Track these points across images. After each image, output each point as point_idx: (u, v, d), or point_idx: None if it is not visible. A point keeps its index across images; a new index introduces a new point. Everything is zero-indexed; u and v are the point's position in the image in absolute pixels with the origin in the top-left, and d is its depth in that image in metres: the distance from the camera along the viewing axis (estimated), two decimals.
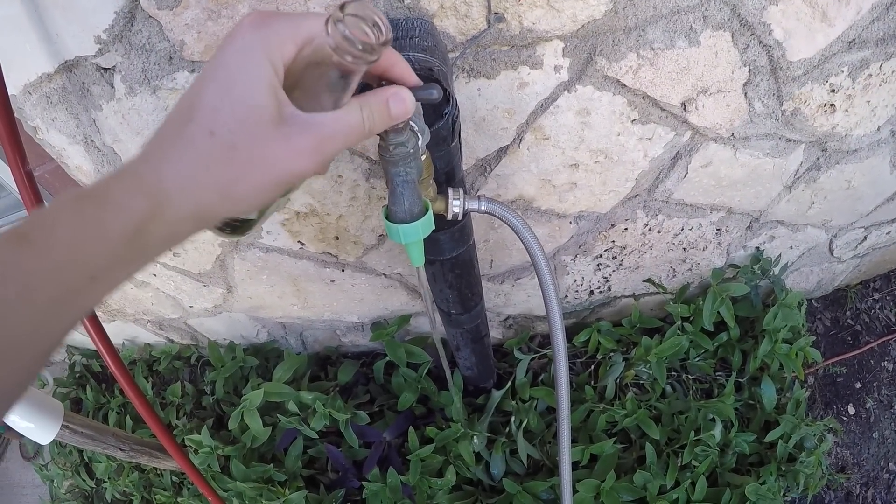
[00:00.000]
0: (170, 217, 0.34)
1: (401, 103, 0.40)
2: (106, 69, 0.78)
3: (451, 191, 0.65)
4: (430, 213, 0.53)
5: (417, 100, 0.45)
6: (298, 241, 1.10)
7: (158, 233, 0.34)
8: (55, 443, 1.79)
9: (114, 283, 0.34)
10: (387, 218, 0.53)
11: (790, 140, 0.99)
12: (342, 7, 0.34)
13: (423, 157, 0.60)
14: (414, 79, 0.42)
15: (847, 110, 0.95)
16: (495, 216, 0.67)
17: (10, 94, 0.70)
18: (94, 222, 0.32)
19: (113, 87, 0.80)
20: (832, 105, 0.94)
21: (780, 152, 1.01)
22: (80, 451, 1.83)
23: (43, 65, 0.78)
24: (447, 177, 0.70)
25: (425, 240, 0.68)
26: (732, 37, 0.78)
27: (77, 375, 1.90)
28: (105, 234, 0.32)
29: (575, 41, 0.74)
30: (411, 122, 0.49)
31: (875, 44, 0.85)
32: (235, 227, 0.47)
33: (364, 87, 0.46)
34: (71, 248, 0.31)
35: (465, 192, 0.67)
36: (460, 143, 0.72)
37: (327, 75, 0.36)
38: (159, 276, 1.29)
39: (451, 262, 0.84)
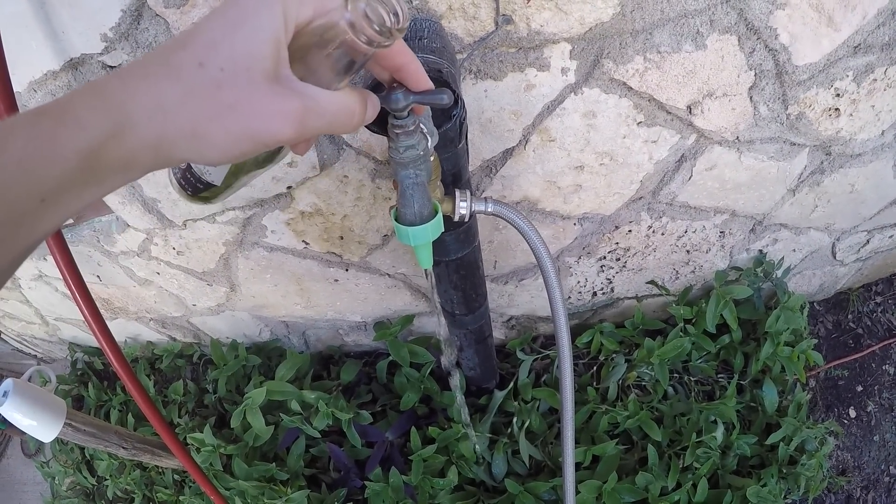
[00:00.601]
0: (130, 141, 0.31)
1: (372, 107, 0.40)
2: (112, 67, 0.78)
3: (458, 192, 0.65)
4: (440, 215, 0.53)
5: (428, 104, 0.45)
6: (303, 241, 1.10)
7: (115, 157, 0.31)
8: (57, 440, 1.78)
9: (64, 210, 0.31)
10: (396, 220, 0.53)
11: (794, 144, 0.99)
12: None
13: (432, 159, 0.60)
14: (426, 81, 0.42)
15: (852, 115, 0.95)
16: (502, 218, 0.68)
17: (15, 91, 0.70)
18: (49, 138, 0.29)
19: None
20: (837, 109, 0.94)
21: (784, 156, 1.01)
22: (82, 449, 1.84)
23: (49, 62, 0.78)
24: (454, 178, 0.70)
25: None
26: (739, 41, 0.78)
27: (79, 373, 1.90)
28: (58, 151, 0.29)
29: (582, 44, 0.74)
30: (421, 125, 0.50)
31: (880, 49, 0.85)
32: (199, 188, 0.46)
33: (376, 87, 0.46)
34: (21, 165, 0.29)
35: (471, 194, 0.67)
36: (467, 145, 0.72)
37: (334, 54, 0.35)
38: (163, 275, 1.30)
39: (457, 263, 0.84)
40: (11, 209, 0.29)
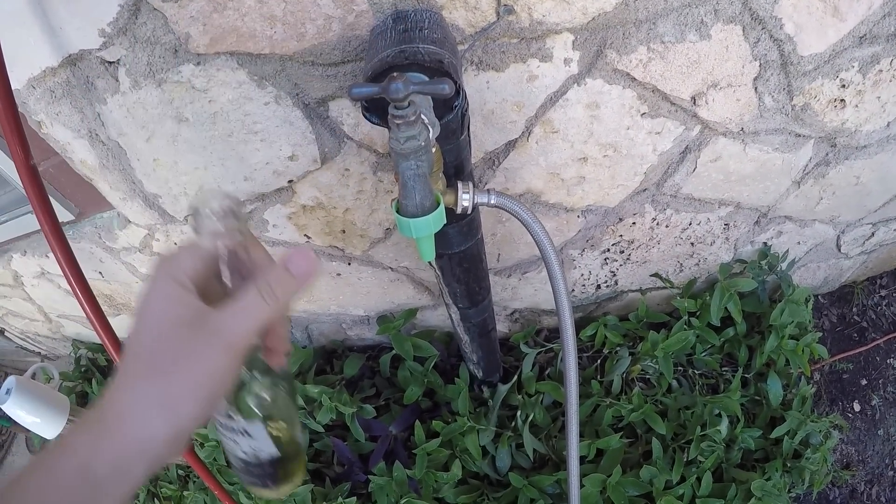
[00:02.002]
0: (109, 449, 0.34)
1: (302, 260, 0.39)
2: (110, 62, 0.78)
3: (460, 184, 0.65)
4: (442, 206, 0.52)
5: (429, 94, 0.45)
6: (305, 235, 1.10)
7: (104, 468, 0.34)
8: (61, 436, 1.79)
9: None
10: (398, 212, 0.52)
11: (799, 135, 0.98)
12: (193, 201, 0.38)
13: (433, 151, 0.60)
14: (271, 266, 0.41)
15: (857, 106, 0.95)
16: (505, 210, 0.67)
17: (13, 88, 0.70)
18: (53, 470, 0.34)
19: (117, 80, 0.80)
20: (842, 100, 0.93)
21: (789, 147, 1.00)
22: None
23: (47, 59, 0.77)
24: (456, 170, 0.69)
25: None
26: (743, 31, 0.78)
27: (83, 369, 1.90)
28: (58, 478, 0.34)
29: (585, 34, 0.74)
30: (422, 115, 0.49)
31: (886, 39, 0.84)
32: (271, 472, 0.47)
33: (377, 77, 0.45)
34: (36, 498, 0.33)
35: (474, 186, 0.66)
36: (469, 137, 0.71)
37: (219, 267, 0.40)
38: None
39: (460, 256, 0.84)
40: None
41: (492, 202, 0.66)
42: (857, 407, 1.57)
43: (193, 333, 0.36)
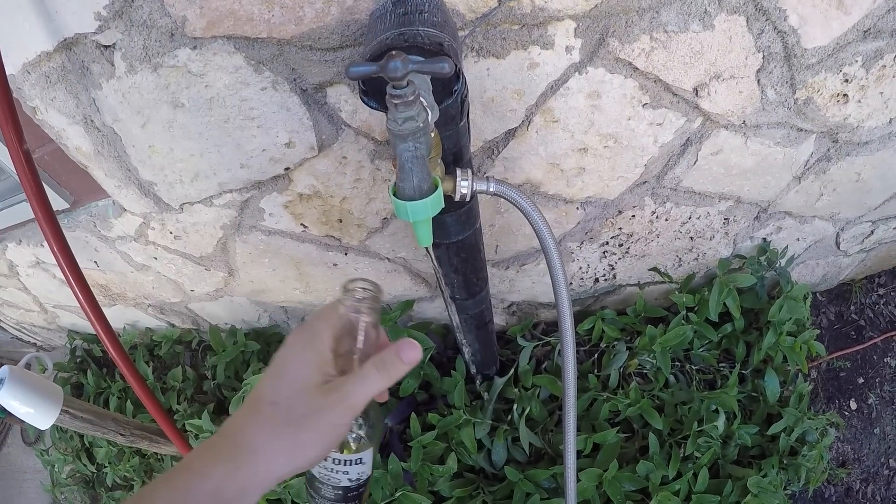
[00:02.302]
0: (241, 478, 0.43)
1: (411, 350, 0.49)
2: (106, 47, 0.77)
3: (459, 171, 0.64)
4: (440, 190, 0.51)
5: (427, 73, 0.44)
6: (301, 224, 1.09)
7: (232, 492, 0.42)
8: (56, 428, 1.78)
9: None
10: (394, 195, 0.52)
11: (801, 130, 0.98)
12: (345, 285, 0.50)
13: (432, 136, 0.59)
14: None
15: (860, 101, 0.94)
16: (504, 198, 0.66)
17: (8, 73, 0.69)
18: (184, 490, 0.42)
19: (113, 65, 0.79)
20: (845, 95, 0.92)
21: (791, 142, 0.99)
22: (81, 436, 1.83)
23: (42, 43, 0.76)
24: (455, 157, 0.68)
25: (431, 222, 0.66)
26: (747, 21, 0.77)
27: (78, 360, 1.89)
28: (193, 498, 0.41)
29: (587, 21, 0.73)
30: (420, 96, 0.48)
31: (890, 34, 0.83)
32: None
33: (378, 56, 0.44)
34: None
35: (473, 173, 0.66)
36: (468, 124, 0.71)
37: (350, 336, 0.50)
38: (160, 260, 1.28)
39: (457, 245, 0.83)
40: None
41: (491, 190, 0.65)
42: (853, 405, 1.57)
43: (324, 396, 0.45)
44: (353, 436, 0.53)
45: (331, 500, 0.55)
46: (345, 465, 0.53)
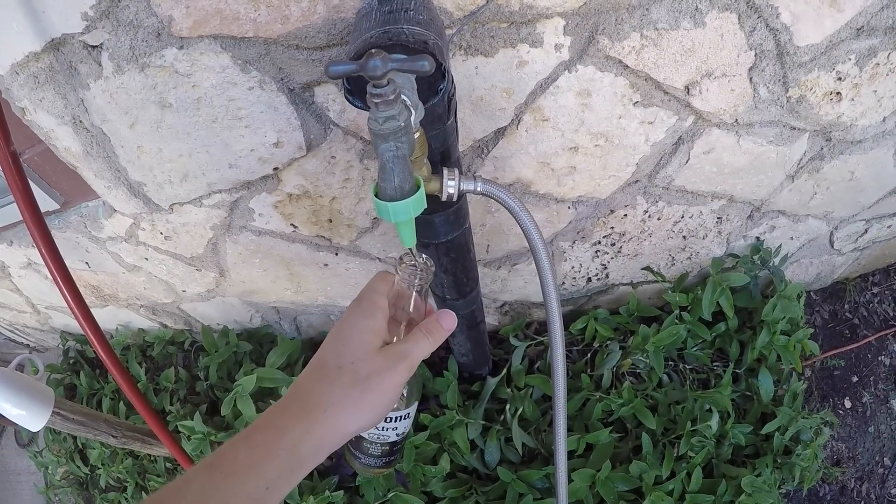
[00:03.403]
0: (316, 434, 0.47)
1: (448, 318, 0.56)
2: (93, 47, 0.76)
3: (446, 171, 0.63)
4: (422, 190, 0.51)
5: (408, 72, 0.43)
6: (291, 224, 1.08)
7: (309, 447, 0.47)
8: (49, 430, 1.77)
9: (282, 490, 0.46)
10: (376, 196, 0.51)
11: (794, 128, 0.97)
12: (401, 258, 0.57)
13: (417, 135, 0.58)
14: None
15: (853, 99, 0.93)
16: (491, 198, 0.66)
17: None
18: (264, 446, 0.46)
19: (100, 65, 0.78)
20: (838, 93, 0.92)
21: (783, 140, 0.99)
22: (75, 438, 1.83)
23: (30, 43, 0.76)
24: (442, 157, 0.68)
25: (420, 222, 0.66)
26: (739, 19, 0.76)
27: (71, 361, 1.88)
28: (273, 453, 0.45)
29: (577, 19, 0.72)
30: (403, 95, 0.47)
31: (884, 32, 0.83)
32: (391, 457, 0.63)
33: (358, 55, 0.44)
34: (250, 467, 0.45)
35: (460, 173, 0.65)
36: (456, 123, 0.70)
37: (402, 301, 0.57)
38: (151, 261, 1.28)
39: (446, 245, 0.82)
40: (248, 498, 0.44)
41: (478, 189, 0.65)
42: (847, 404, 1.57)
43: (385, 358, 0.51)
44: (404, 393, 0.59)
45: (377, 457, 0.61)
46: (395, 421, 0.59)
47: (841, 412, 1.56)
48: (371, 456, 0.60)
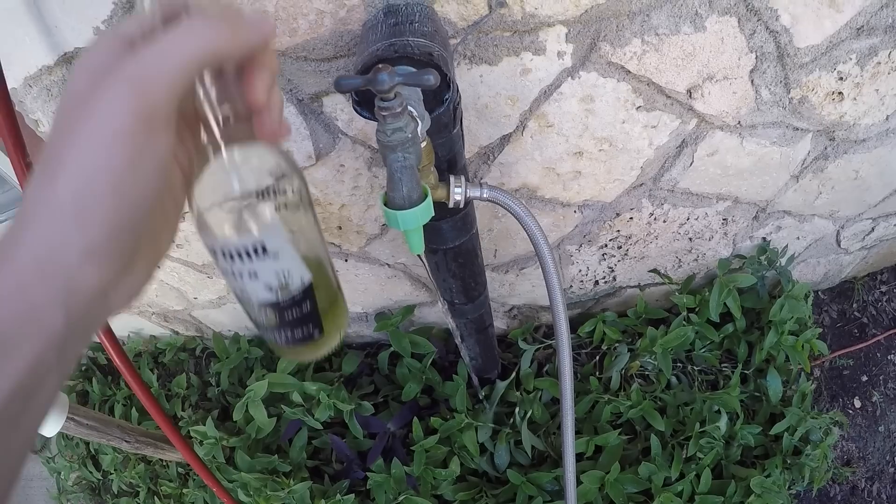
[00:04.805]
0: (7, 276, 0.25)
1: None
2: None
3: (452, 178, 0.64)
4: (430, 199, 0.52)
5: (413, 85, 0.45)
6: None
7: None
8: (62, 435, 1.79)
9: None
10: (385, 205, 0.52)
11: (797, 129, 0.98)
12: None
13: (424, 144, 0.59)
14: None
15: (855, 99, 0.94)
16: (497, 204, 0.67)
17: (10, 87, 0.70)
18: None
19: None
20: (840, 93, 0.92)
21: (787, 141, 0.99)
22: (87, 444, 1.84)
23: (43, 57, 0.77)
24: (449, 164, 0.69)
25: (427, 229, 0.67)
26: (739, 22, 0.77)
27: (83, 368, 1.90)
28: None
29: (578, 26, 0.73)
30: (410, 108, 0.49)
31: (884, 31, 0.83)
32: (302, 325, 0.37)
33: (365, 69, 0.45)
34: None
35: (467, 180, 0.66)
36: (462, 131, 0.71)
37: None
38: (162, 268, 1.29)
39: (454, 251, 0.84)
40: None
41: (484, 196, 0.66)
42: (857, 403, 1.57)
43: (97, 85, 0.26)
44: (241, 202, 0.32)
45: (268, 326, 0.37)
46: (242, 260, 0.33)
47: (851, 412, 1.56)
48: (263, 326, 0.37)
